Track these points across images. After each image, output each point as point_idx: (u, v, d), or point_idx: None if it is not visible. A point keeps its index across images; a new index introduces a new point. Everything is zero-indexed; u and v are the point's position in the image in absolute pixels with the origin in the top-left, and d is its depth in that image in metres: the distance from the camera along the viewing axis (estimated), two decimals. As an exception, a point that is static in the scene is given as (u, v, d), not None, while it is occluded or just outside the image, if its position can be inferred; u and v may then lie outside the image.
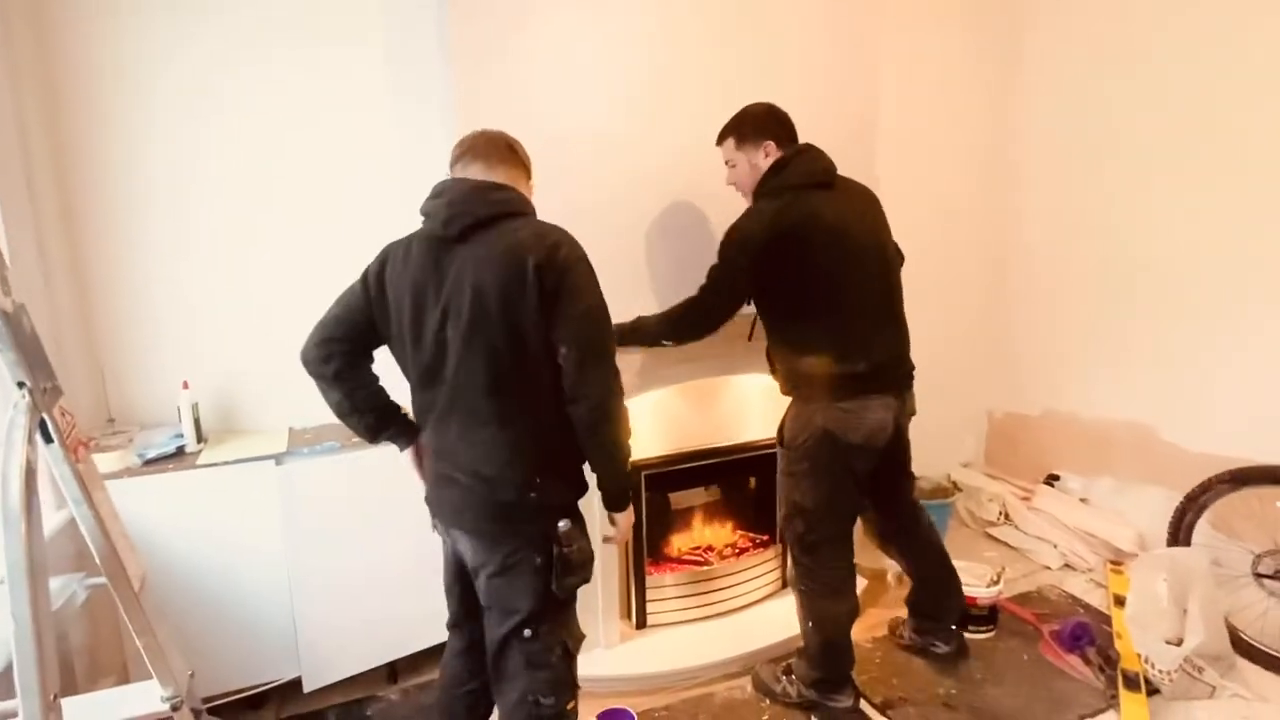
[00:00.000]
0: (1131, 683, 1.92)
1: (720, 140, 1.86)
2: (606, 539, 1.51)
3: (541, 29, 1.87)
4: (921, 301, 1.95)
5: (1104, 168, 2.67)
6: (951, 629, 2.14)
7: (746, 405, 2.35)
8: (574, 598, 1.39)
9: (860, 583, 2.18)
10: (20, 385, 0.98)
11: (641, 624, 2.26)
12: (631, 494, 1.45)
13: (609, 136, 1.96)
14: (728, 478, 2.46)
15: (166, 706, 1.18)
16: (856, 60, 2.30)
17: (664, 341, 1.88)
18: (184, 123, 2.00)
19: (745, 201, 1.86)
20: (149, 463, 1.83)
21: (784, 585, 2.46)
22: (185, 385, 1.96)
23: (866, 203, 1.87)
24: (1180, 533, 2.25)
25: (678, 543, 2.43)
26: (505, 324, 1.24)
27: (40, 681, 0.91)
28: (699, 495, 2.48)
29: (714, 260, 1.79)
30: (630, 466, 1.38)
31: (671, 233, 2.07)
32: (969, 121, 3.00)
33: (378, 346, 1.41)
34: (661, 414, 2.21)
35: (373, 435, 1.46)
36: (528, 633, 1.33)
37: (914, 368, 1.92)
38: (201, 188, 2.04)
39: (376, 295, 1.35)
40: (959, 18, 2.91)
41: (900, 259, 1.93)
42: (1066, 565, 2.68)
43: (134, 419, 2.04)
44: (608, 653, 2.14)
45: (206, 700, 1.67)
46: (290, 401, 1.94)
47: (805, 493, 1.83)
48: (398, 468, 1.51)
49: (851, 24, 2.27)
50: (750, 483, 2.48)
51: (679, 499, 2.44)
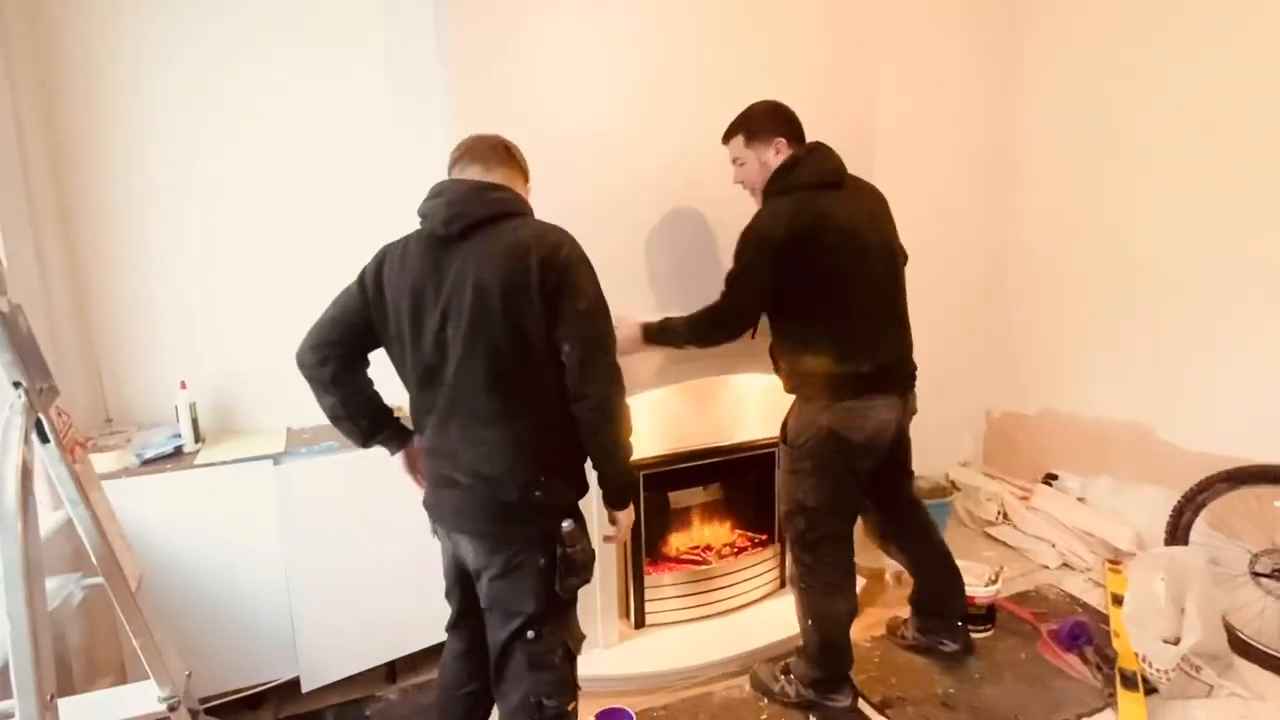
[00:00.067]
0: (1129, 682, 1.93)
1: (727, 138, 1.84)
2: (607, 538, 1.51)
3: (541, 29, 1.86)
4: (920, 301, 1.95)
5: (1103, 167, 2.67)
6: (957, 626, 2.14)
7: (745, 405, 2.36)
8: (575, 598, 1.39)
9: (859, 582, 2.18)
10: (16, 385, 0.98)
11: (640, 623, 2.26)
12: (633, 493, 1.45)
13: (609, 136, 1.96)
14: (726, 477, 2.46)
15: (164, 707, 1.18)
16: (856, 60, 2.30)
17: (691, 344, 1.88)
18: (183, 123, 1.99)
19: (750, 200, 1.85)
20: (147, 463, 1.83)
21: (782, 585, 2.46)
22: (183, 385, 1.96)
23: (875, 202, 1.86)
24: (1178, 532, 2.25)
25: (676, 542, 2.43)
26: (507, 322, 1.24)
27: (37, 682, 0.91)
28: (697, 495, 2.48)
29: (716, 260, 1.78)
30: (632, 465, 1.38)
31: (671, 232, 2.07)
32: (969, 121, 3.00)
33: (374, 349, 1.40)
34: (660, 413, 2.21)
35: (365, 440, 1.45)
36: (531, 634, 1.32)
37: (916, 368, 1.92)
38: (200, 188, 2.03)
39: (374, 296, 1.34)
40: (959, 18, 2.91)
41: (904, 258, 1.93)
42: (1064, 564, 2.68)
43: (132, 419, 2.04)
44: (606, 652, 2.14)
45: (204, 700, 1.66)
46: (288, 401, 1.93)
47: (808, 491, 1.83)
48: (395, 468, 1.51)
49: (851, 24, 2.27)
50: (749, 482, 2.48)
51: (677, 498, 2.44)
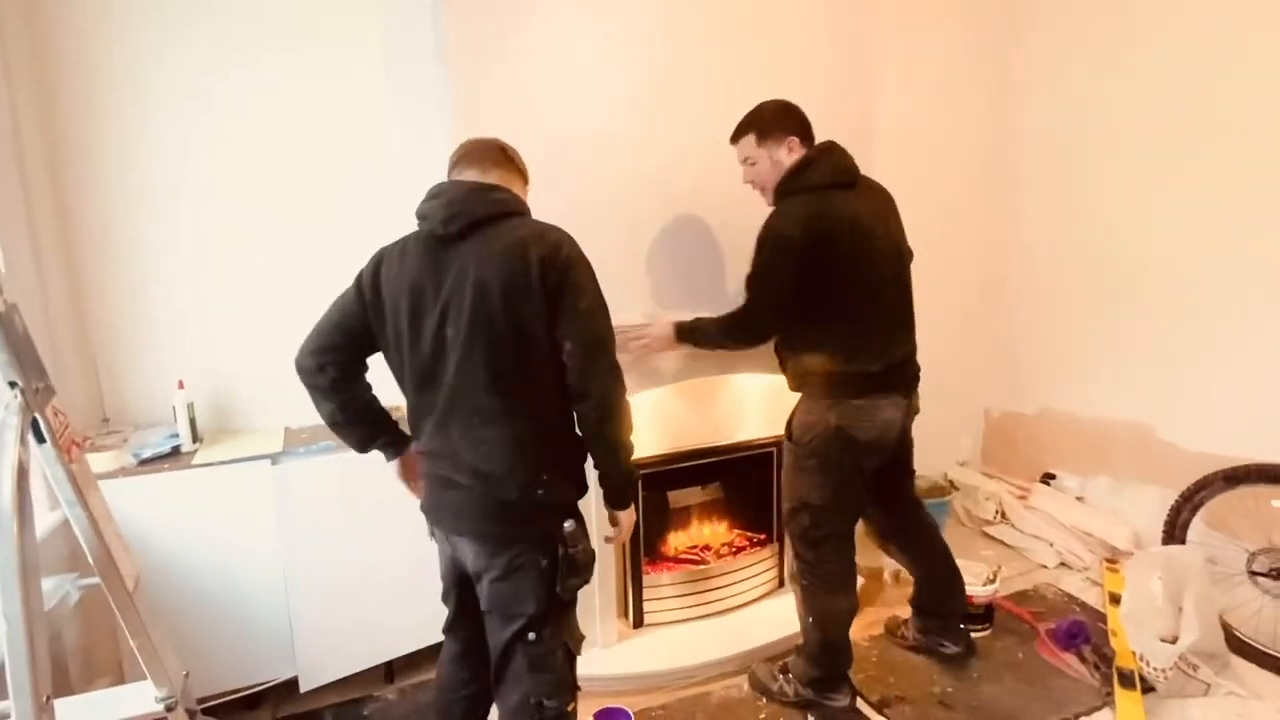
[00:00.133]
0: (1127, 680, 1.93)
1: (736, 138, 1.82)
2: (609, 539, 1.51)
3: (541, 29, 1.86)
4: (919, 300, 1.94)
5: (1102, 167, 2.67)
6: (958, 628, 2.13)
7: (744, 404, 2.36)
8: (575, 599, 1.39)
9: (857, 581, 2.18)
10: (12, 385, 0.98)
11: (639, 623, 2.26)
12: (634, 492, 1.45)
13: (609, 136, 1.95)
14: (725, 477, 2.47)
15: (161, 707, 1.18)
16: (856, 60, 2.30)
17: (720, 346, 1.89)
18: (181, 122, 1.99)
19: (751, 199, 1.83)
20: (144, 462, 1.82)
21: (781, 584, 2.46)
22: (181, 385, 1.95)
23: (885, 202, 1.85)
24: (1176, 531, 2.26)
25: (675, 542, 2.43)
26: (508, 320, 1.24)
27: (32, 682, 0.91)
28: (696, 494, 2.49)
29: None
30: (633, 464, 1.38)
31: (671, 232, 2.07)
32: (968, 120, 3.00)
33: (373, 354, 1.39)
34: (659, 413, 2.21)
35: (363, 446, 1.45)
36: (532, 636, 1.32)
37: (920, 368, 1.92)
38: (199, 186, 2.03)
39: (371, 299, 1.33)
40: (959, 17, 2.91)
41: (911, 257, 1.92)
42: (1062, 564, 2.69)
43: (129, 419, 2.04)
44: (605, 652, 2.14)
45: (203, 700, 1.67)
46: (286, 401, 1.92)
47: (812, 488, 1.83)
48: (390, 474, 1.51)
49: (851, 24, 2.27)
50: (748, 482, 2.47)
51: (676, 498, 2.44)
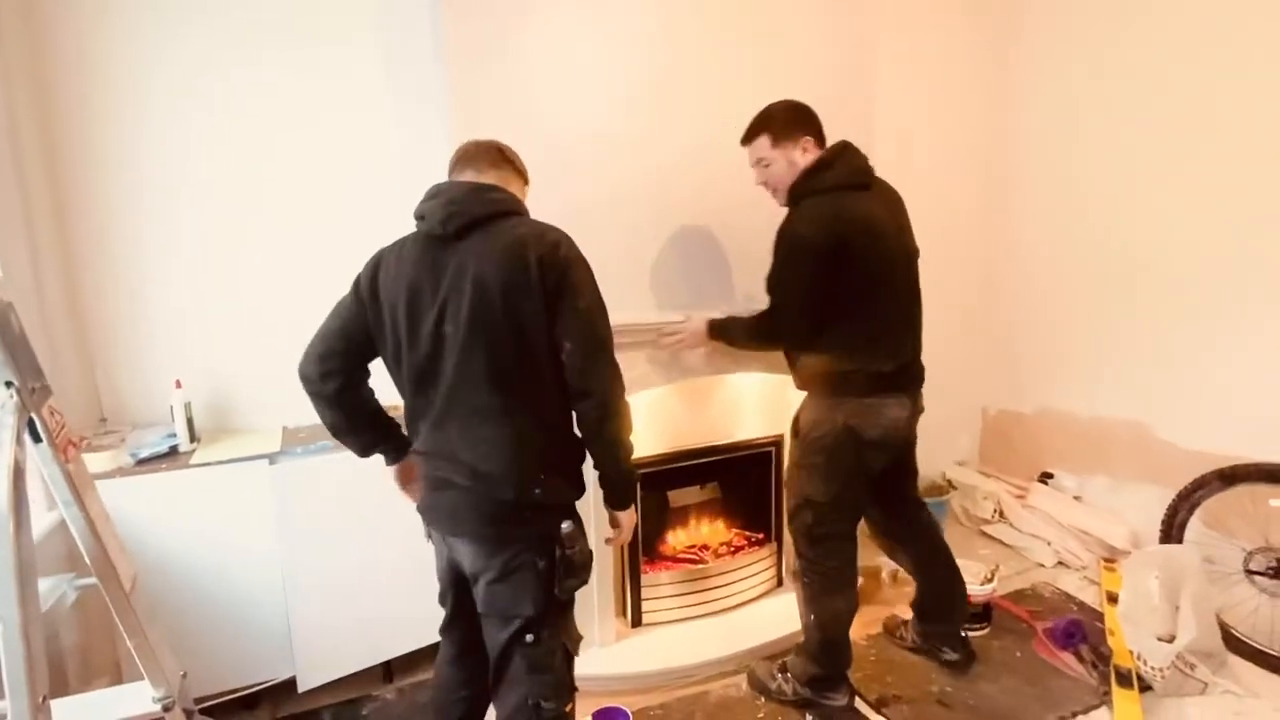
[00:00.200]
0: (1124, 679, 1.93)
1: (749, 139, 1.80)
2: (609, 541, 1.50)
3: (541, 28, 1.86)
4: (917, 299, 1.95)
5: (1100, 166, 2.67)
6: (958, 635, 2.11)
7: (742, 404, 2.36)
8: (573, 600, 1.39)
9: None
10: (8, 385, 0.98)
11: (637, 622, 2.26)
12: (634, 493, 1.45)
13: (609, 136, 1.95)
14: (723, 476, 2.47)
15: (158, 707, 1.18)
16: (855, 60, 2.30)
17: (748, 347, 1.91)
18: (180, 121, 1.98)
19: (757, 199, 1.82)
20: (142, 462, 1.82)
21: (779, 584, 2.46)
22: (178, 384, 1.95)
23: (896, 204, 1.84)
24: (1173, 530, 2.26)
25: (673, 541, 2.43)
26: (507, 319, 1.24)
27: (29, 683, 0.91)
28: (694, 494, 2.49)
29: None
30: (633, 464, 1.38)
31: (672, 232, 2.07)
32: (967, 120, 3.00)
33: (374, 358, 1.39)
34: (657, 413, 2.21)
35: (365, 452, 1.46)
36: (530, 637, 1.32)
37: (924, 368, 1.92)
38: (197, 186, 2.02)
39: (370, 301, 1.33)
40: (958, 17, 2.92)
41: (917, 255, 1.90)
42: (1060, 563, 2.69)
43: (127, 418, 2.03)
44: (603, 651, 2.14)
45: (201, 700, 1.67)
46: (284, 401, 1.92)
47: (817, 486, 1.83)
48: (388, 480, 1.51)
49: (851, 24, 2.27)
50: (746, 481, 2.47)
51: (674, 497, 2.44)
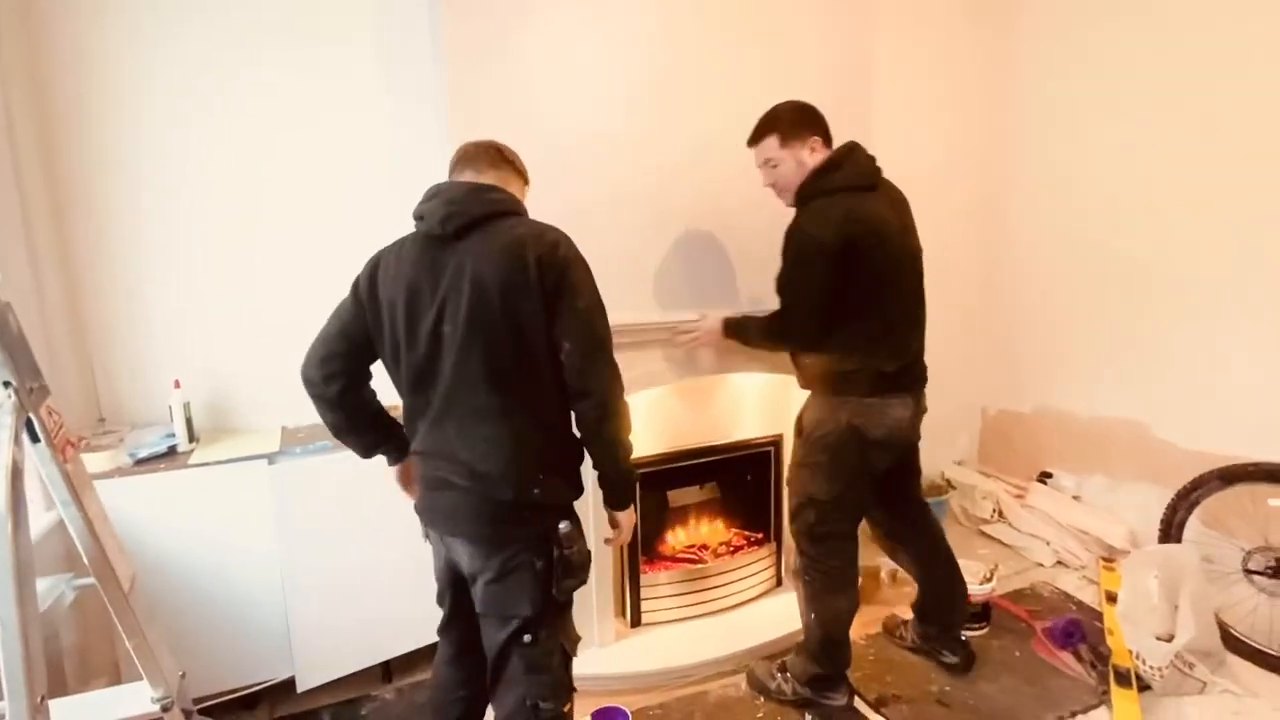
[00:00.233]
0: (1123, 679, 1.93)
1: (756, 140, 1.80)
2: (608, 541, 1.50)
3: (540, 28, 1.86)
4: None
5: (1100, 167, 2.67)
6: (959, 639, 2.10)
7: (741, 403, 2.36)
8: (571, 600, 1.39)
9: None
10: (6, 384, 0.98)
11: (636, 622, 2.26)
12: (633, 493, 1.45)
13: (609, 137, 1.95)
14: (722, 476, 2.47)
15: (157, 708, 1.18)
16: (854, 60, 2.30)
17: (761, 347, 1.91)
18: (178, 121, 1.98)
19: (761, 199, 1.82)
20: (140, 462, 1.82)
21: (778, 583, 2.46)
22: (177, 384, 1.95)
23: (902, 205, 1.85)
24: (1172, 530, 2.26)
25: (672, 541, 2.43)
26: (506, 318, 1.24)
27: (27, 683, 0.91)
28: (693, 494, 2.49)
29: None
30: (632, 464, 1.38)
31: (672, 232, 2.07)
32: (967, 120, 3.00)
33: (375, 360, 1.39)
34: (656, 413, 2.21)
35: (367, 453, 1.47)
36: (528, 638, 1.31)
37: (927, 368, 1.92)
38: (196, 186, 2.02)
39: (369, 302, 1.33)
40: (957, 17, 2.92)
41: (920, 254, 1.89)
42: (1059, 562, 2.69)
43: (125, 418, 2.03)
44: (602, 651, 2.14)
45: (200, 700, 1.67)
46: (283, 401, 1.93)
47: (820, 485, 1.83)
48: (389, 479, 1.51)
49: (850, 24, 2.27)
50: (745, 481, 2.47)
51: (674, 497, 2.44)
